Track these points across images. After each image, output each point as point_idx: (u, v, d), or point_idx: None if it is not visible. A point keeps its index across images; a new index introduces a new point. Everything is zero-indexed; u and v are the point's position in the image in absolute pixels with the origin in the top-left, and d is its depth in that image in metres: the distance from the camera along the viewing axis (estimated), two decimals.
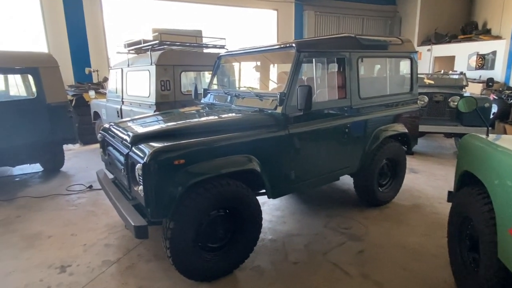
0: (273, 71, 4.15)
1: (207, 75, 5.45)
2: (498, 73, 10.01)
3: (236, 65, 4.19)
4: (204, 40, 6.08)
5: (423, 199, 4.13)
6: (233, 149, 2.56)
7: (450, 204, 2.60)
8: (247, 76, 4.15)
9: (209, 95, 3.84)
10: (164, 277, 2.63)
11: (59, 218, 3.73)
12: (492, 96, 8.44)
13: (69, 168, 5.60)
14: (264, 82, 4.09)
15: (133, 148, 2.47)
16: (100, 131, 3.34)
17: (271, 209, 3.88)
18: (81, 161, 6.09)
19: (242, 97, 3.29)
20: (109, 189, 2.97)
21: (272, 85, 4.04)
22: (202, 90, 3.94)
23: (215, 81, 3.97)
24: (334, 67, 3.36)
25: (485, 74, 10.07)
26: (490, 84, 7.45)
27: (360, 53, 3.38)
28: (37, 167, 5.56)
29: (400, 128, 3.82)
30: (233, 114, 3.03)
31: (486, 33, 10.93)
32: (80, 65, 8.44)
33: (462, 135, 3.26)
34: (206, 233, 2.50)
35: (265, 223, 3.40)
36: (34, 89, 4.81)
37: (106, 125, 3.29)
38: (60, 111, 4.96)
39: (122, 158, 2.63)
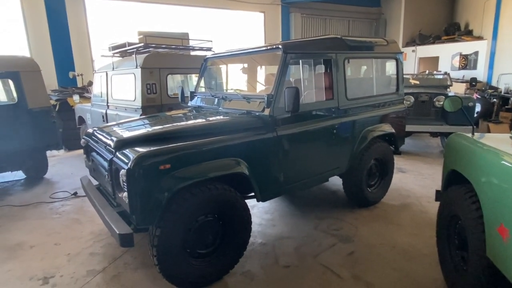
0: (261, 73, 4.13)
1: (194, 78, 5.40)
2: (480, 72, 10.24)
3: (223, 67, 4.15)
4: (191, 43, 6.03)
5: (412, 198, 4.16)
6: (221, 152, 2.51)
7: (438, 203, 2.61)
8: (234, 78, 4.12)
9: (196, 98, 3.78)
10: (151, 286, 2.56)
11: (42, 227, 3.61)
12: (476, 95, 8.62)
13: (53, 175, 5.44)
14: (251, 84, 4.06)
15: (117, 153, 2.40)
16: (84, 136, 3.25)
17: (261, 212, 3.84)
18: (65, 167, 5.94)
19: (229, 100, 3.25)
20: (93, 196, 2.89)
21: (260, 87, 4.01)
22: (189, 93, 3.88)
23: (202, 83, 3.92)
24: (321, 68, 3.36)
25: (468, 74, 10.29)
26: (474, 83, 7.60)
27: (346, 54, 3.39)
28: (19, 175, 5.38)
29: (387, 128, 3.84)
30: (221, 117, 2.98)
31: (468, 34, 11.18)
32: (64, 69, 8.25)
33: (448, 134, 3.30)
34: (194, 239, 2.44)
35: (254, 227, 3.35)
36: (15, 94, 4.69)
37: (90, 130, 3.20)
38: (43, 116, 4.84)
39: (106, 164, 2.55)
